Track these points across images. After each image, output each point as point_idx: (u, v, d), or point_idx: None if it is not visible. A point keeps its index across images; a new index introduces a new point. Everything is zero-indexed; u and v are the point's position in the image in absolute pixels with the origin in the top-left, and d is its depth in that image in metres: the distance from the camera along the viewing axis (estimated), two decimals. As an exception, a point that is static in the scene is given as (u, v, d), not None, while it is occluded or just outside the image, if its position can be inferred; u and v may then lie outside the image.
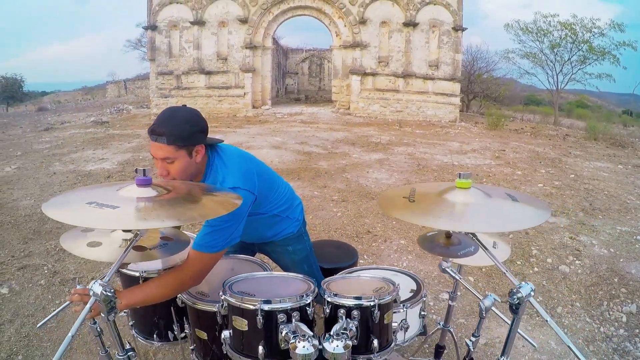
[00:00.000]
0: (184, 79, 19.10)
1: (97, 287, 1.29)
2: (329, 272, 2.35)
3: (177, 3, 18.95)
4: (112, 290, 1.32)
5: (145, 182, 1.43)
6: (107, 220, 1.26)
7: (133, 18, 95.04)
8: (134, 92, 38.29)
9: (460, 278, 1.98)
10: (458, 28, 19.11)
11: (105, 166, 8.82)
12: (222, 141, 1.95)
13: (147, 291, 1.67)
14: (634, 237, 5.35)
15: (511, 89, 32.12)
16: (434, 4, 18.99)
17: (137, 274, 1.84)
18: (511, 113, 26.83)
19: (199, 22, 18.70)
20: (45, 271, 4.10)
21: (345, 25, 18.75)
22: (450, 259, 2.05)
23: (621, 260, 4.61)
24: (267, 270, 2.03)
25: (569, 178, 8.56)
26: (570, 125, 25.70)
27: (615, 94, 54.65)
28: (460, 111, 21.20)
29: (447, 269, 2.01)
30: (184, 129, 1.68)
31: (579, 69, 26.40)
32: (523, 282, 1.35)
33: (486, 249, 1.48)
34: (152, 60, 19.28)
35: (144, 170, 1.45)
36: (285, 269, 2.37)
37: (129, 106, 25.31)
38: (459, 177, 1.56)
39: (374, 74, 18.77)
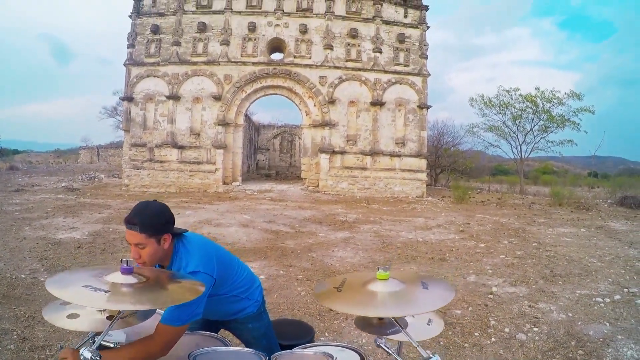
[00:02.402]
0: (157, 152, 19.17)
1: (86, 353, 1.56)
2: (287, 348, 2.49)
3: (154, 77, 19.42)
4: (99, 356, 1.59)
5: (128, 271, 1.75)
6: (100, 301, 1.61)
7: (111, 85, 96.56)
8: (107, 160, 38.17)
9: (392, 352, 2.07)
10: (423, 106, 19.99)
11: (75, 235, 8.69)
12: (187, 231, 2.21)
13: (123, 356, 1.88)
14: (593, 299, 5.46)
15: (478, 161, 33.11)
16: (400, 84, 19.97)
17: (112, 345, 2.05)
18: (478, 185, 27.58)
19: (175, 97, 19.11)
20: (15, 336, 3.97)
21: (315, 105, 19.47)
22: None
23: (579, 323, 4.69)
24: (226, 345, 2.25)
25: (531, 247, 8.74)
26: (537, 193, 26.42)
27: (580, 157, 56.80)
28: (428, 185, 21.73)
29: (381, 344, 2.10)
30: (153, 220, 1.98)
31: (541, 138, 27.52)
32: (432, 355, 1.64)
33: (403, 328, 1.82)
34: (127, 131, 19.40)
35: (127, 261, 1.76)
36: (246, 344, 2.53)
37: (100, 174, 25.16)
38: (379, 270, 1.86)
39: (342, 152, 19.27)
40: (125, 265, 1.77)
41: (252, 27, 19.37)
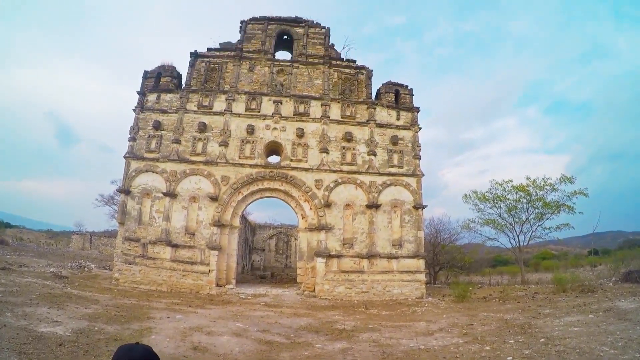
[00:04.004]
0: (150, 249, 18.84)
1: None
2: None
3: (153, 172, 19.57)
4: None
5: None
6: None
7: (110, 173, 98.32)
8: (99, 248, 37.80)
9: None
10: (418, 206, 20.08)
11: (58, 331, 8.29)
12: None
13: None
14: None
15: (476, 254, 32.88)
16: (395, 185, 20.22)
17: None
18: (479, 278, 27.13)
19: (171, 195, 19.15)
20: None
21: (310, 208, 19.58)
22: None
23: None
24: None
25: (539, 343, 8.30)
26: (539, 280, 25.87)
27: (579, 237, 56.46)
28: (427, 284, 21.28)
29: None
30: None
31: (538, 226, 27.29)
32: None
33: None
34: (122, 224, 19.17)
35: None
36: None
37: (91, 264, 24.70)
38: None
39: (339, 256, 19.05)
40: None
41: (251, 130, 19.93)
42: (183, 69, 21.61)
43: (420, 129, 21.22)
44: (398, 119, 21.21)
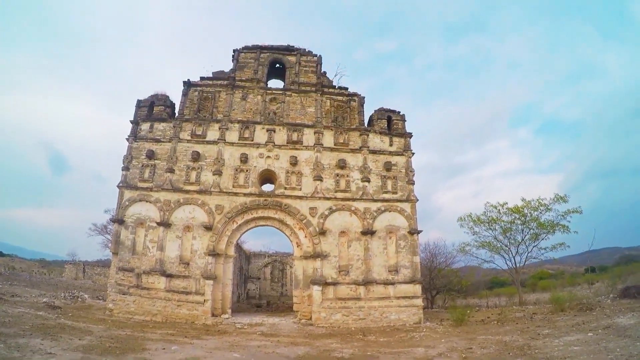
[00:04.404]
0: (144, 279, 18.61)
1: None
2: None
3: (147, 202, 19.47)
4: None
5: None
6: None
7: (103, 202, 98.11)
8: (92, 278, 37.39)
9: None
10: (413, 232, 20.10)
11: None
12: None
13: None
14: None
15: (473, 278, 32.86)
16: (390, 211, 20.26)
17: None
18: (476, 301, 27.02)
19: (165, 224, 19.03)
20: None
21: (305, 236, 19.54)
22: None
23: None
24: None
25: None
26: (537, 301, 25.83)
27: (575, 255, 56.46)
28: (424, 309, 21.16)
29: None
30: None
31: (533, 246, 27.37)
32: None
33: None
34: (115, 254, 18.95)
35: None
36: None
37: (84, 294, 24.40)
38: None
39: (335, 283, 18.93)
40: None
41: (244, 159, 20.01)
42: (176, 98, 21.80)
43: (413, 154, 21.40)
44: (391, 145, 21.40)
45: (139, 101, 21.34)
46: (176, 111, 21.56)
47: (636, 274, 26.90)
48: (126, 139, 20.50)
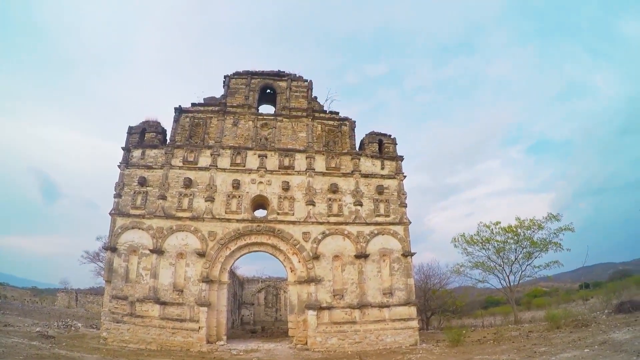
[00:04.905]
0: (138, 307, 18.43)
1: None
2: None
3: (139, 229, 19.39)
4: None
5: None
6: None
7: (95, 229, 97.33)
8: (85, 306, 36.96)
9: None
10: (407, 254, 20.17)
11: None
12: None
13: None
14: None
15: (467, 298, 32.82)
16: (383, 234, 20.36)
17: None
18: (472, 321, 26.95)
19: (158, 252, 18.94)
20: None
21: (299, 261, 19.53)
22: None
23: None
24: None
25: None
26: (532, 319, 25.81)
27: (568, 272, 56.49)
28: (420, 330, 21.11)
29: None
30: None
31: (527, 265, 27.44)
32: None
33: None
34: (108, 282, 18.74)
35: None
36: None
37: (77, 322, 24.14)
38: None
39: (329, 308, 18.87)
40: None
41: (236, 184, 20.09)
42: (167, 124, 21.89)
43: (404, 177, 21.62)
44: (382, 168, 21.60)
45: (130, 128, 21.40)
46: (168, 137, 21.64)
47: (630, 288, 27.09)
48: (118, 165, 20.50)
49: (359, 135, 22.76)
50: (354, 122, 22.47)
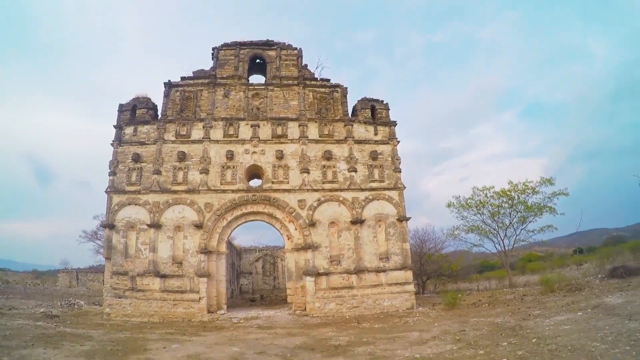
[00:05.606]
0: (138, 281, 18.64)
1: None
2: None
3: (136, 205, 19.47)
4: None
5: None
6: None
7: (91, 209, 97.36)
8: (86, 285, 37.25)
9: None
10: (402, 219, 20.33)
11: None
12: None
13: None
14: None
15: (463, 262, 33.17)
16: (378, 200, 20.47)
17: None
18: (467, 285, 27.34)
19: (156, 226, 19.06)
20: None
21: (295, 229, 19.68)
22: None
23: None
24: None
25: (531, 344, 8.42)
26: (526, 283, 26.23)
27: (563, 237, 57.26)
28: (416, 294, 21.43)
29: None
30: None
31: (521, 229, 27.67)
32: None
33: None
34: (108, 259, 18.93)
35: None
36: None
37: (80, 301, 24.38)
38: None
39: (327, 274, 19.13)
40: None
41: (230, 155, 20.05)
42: (158, 100, 21.64)
43: (398, 142, 21.57)
44: (376, 134, 21.56)
45: (121, 105, 21.22)
46: (159, 113, 21.46)
47: (624, 254, 27.44)
48: (111, 144, 20.43)
49: (351, 102, 22.63)
50: (346, 88, 22.26)
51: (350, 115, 22.06)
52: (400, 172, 21.05)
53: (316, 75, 22.62)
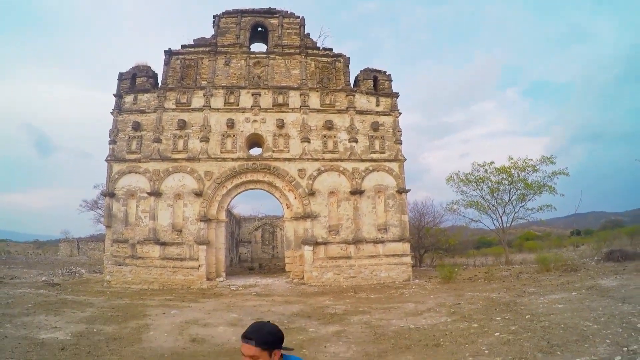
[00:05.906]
0: (138, 249, 18.81)
1: None
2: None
3: (136, 173, 19.52)
4: None
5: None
6: None
7: (91, 178, 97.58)
8: (87, 253, 37.50)
9: None
10: (402, 191, 20.33)
11: (58, 336, 8.41)
12: (293, 350, 2.52)
13: None
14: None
15: (461, 236, 33.24)
16: (378, 171, 20.43)
17: None
18: (464, 260, 27.45)
19: (156, 194, 19.12)
20: None
21: (295, 198, 19.70)
22: None
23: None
24: None
25: (524, 320, 8.55)
26: (523, 261, 26.36)
27: (561, 218, 57.40)
28: (413, 267, 21.57)
29: None
30: (268, 337, 2.24)
31: (520, 207, 27.59)
32: None
33: None
34: (109, 227, 19.08)
35: None
36: None
37: (81, 269, 24.61)
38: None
39: (325, 243, 19.25)
40: None
41: (231, 124, 19.93)
42: (158, 68, 21.45)
43: (400, 114, 21.40)
44: (378, 105, 21.37)
45: (120, 74, 21.05)
46: (159, 81, 21.27)
47: (621, 239, 27.54)
48: (111, 112, 20.35)
49: (354, 73, 22.38)
50: (348, 58, 21.93)
51: (352, 85, 21.83)
52: (401, 144, 20.95)
53: (318, 45, 22.31)
